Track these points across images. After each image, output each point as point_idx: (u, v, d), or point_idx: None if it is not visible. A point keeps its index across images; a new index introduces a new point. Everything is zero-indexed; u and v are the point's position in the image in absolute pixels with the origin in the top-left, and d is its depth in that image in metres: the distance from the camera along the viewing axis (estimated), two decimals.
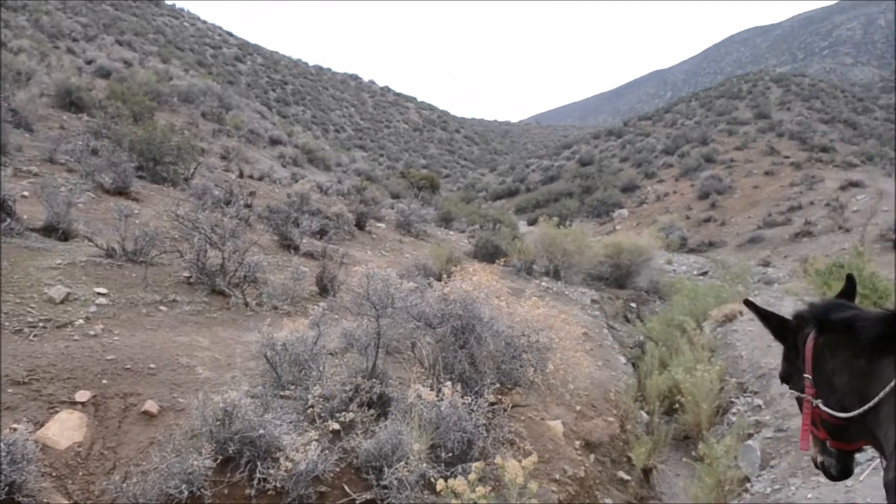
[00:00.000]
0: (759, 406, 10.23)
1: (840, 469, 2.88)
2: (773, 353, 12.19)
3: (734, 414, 10.28)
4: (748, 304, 3.22)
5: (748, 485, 7.74)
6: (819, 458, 2.93)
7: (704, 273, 28.48)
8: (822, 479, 6.75)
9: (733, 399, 11.08)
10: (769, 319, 3.03)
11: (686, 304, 17.53)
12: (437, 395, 6.20)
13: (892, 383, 2.30)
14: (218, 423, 5.65)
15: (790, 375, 3.03)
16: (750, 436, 9.02)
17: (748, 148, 57.02)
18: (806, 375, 2.78)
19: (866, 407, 2.42)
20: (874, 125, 73.78)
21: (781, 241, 36.61)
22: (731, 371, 12.34)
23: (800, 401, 2.89)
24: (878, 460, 4.17)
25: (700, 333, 14.71)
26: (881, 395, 2.34)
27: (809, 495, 6.46)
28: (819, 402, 2.70)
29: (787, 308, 16.15)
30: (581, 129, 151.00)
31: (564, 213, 41.15)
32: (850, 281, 3.16)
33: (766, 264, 32.15)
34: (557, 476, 7.80)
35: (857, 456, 6.37)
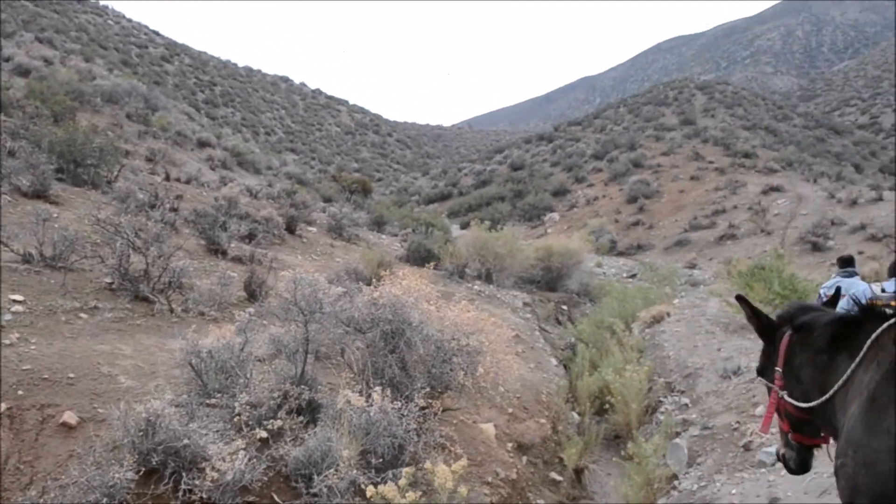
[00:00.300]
0: (686, 405, 10.46)
1: (799, 462, 3.20)
2: (698, 353, 12.52)
3: (662, 413, 10.48)
4: (740, 299, 3.48)
5: (676, 482, 7.88)
6: (781, 451, 3.27)
7: (633, 275, 29.10)
8: (746, 475, 6.96)
9: (661, 398, 11.31)
10: (759, 318, 3.35)
11: (615, 306, 17.86)
12: (367, 401, 6.13)
13: (844, 377, 2.65)
14: (140, 433, 5.44)
15: (765, 368, 3.33)
16: (678, 434, 9.21)
17: (674, 153, 58.54)
18: (777, 368, 3.12)
19: (824, 398, 2.75)
20: (793, 132, 76.74)
21: (707, 243, 37.69)
22: (660, 371, 12.60)
23: (769, 390, 3.22)
24: None
25: (629, 335, 15.00)
26: (835, 387, 2.69)
27: (734, 491, 6.61)
28: (784, 394, 3.05)
29: (711, 308, 16.64)
30: (513, 134, 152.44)
31: (497, 217, 41.47)
32: (837, 293, 3.66)
33: (693, 266, 33.04)
34: (490, 479, 7.81)
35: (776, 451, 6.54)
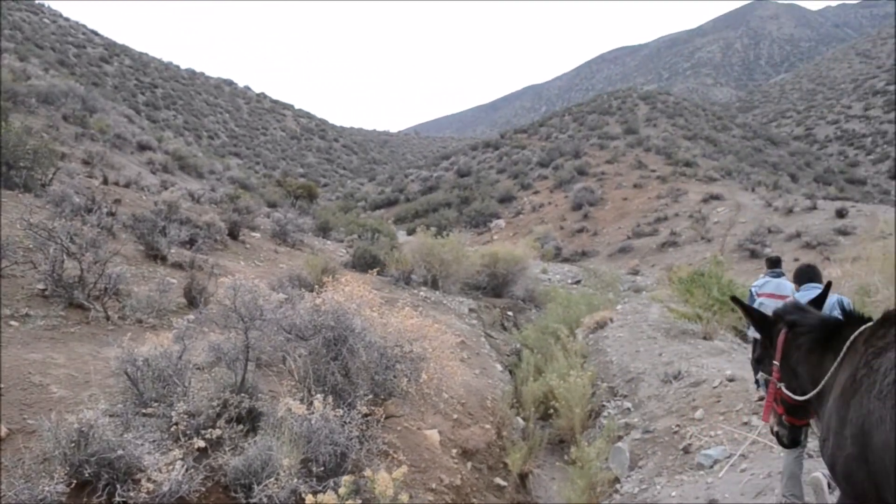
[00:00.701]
0: (629, 409, 10.59)
1: (790, 438, 3.84)
2: (640, 359, 12.69)
3: (605, 417, 10.58)
4: (734, 300, 4.13)
5: (618, 485, 7.96)
6: (775, 429, 3.86)
7: (578, 282, 29.37)
8: (685, 477, 7.06)
9: (605, 403, 11.42)
10: (751, 315, 3.91)
11: (560, 312, 18.00)
12: (308, 409, 6.03)
13: (828, 374, 3.19)
14: (73, 444, 5.27)
15: (762, 359, 3.89)
16: (620, 438, 9.30)
17: (618, 161, 59.50)
18: (775, 362, 3.63)
19: (814, 391, 3.30)
20: (732, 142, 78.77)
21: (649, 250, 38.37)
22: (603, 376, 12.72)
23: (766, 381, 3.80)
24: (736, 457, 4.93)
25: (573, 340, 15.13)
26: (822, 383, 3.23)
27: (673, 493, 6.70)
28: (782, 385, 3.59)
29: (653, 313, 16.90)
30: (459, 141, 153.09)
31: (443, 224, 41.59)
32: (828, 287, 4.16)
33: (636, 273, 33.56)
34: (434, 485, 7.77)
35: (714, 453, 6.67)
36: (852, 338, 3.16)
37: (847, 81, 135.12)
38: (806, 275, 6.16)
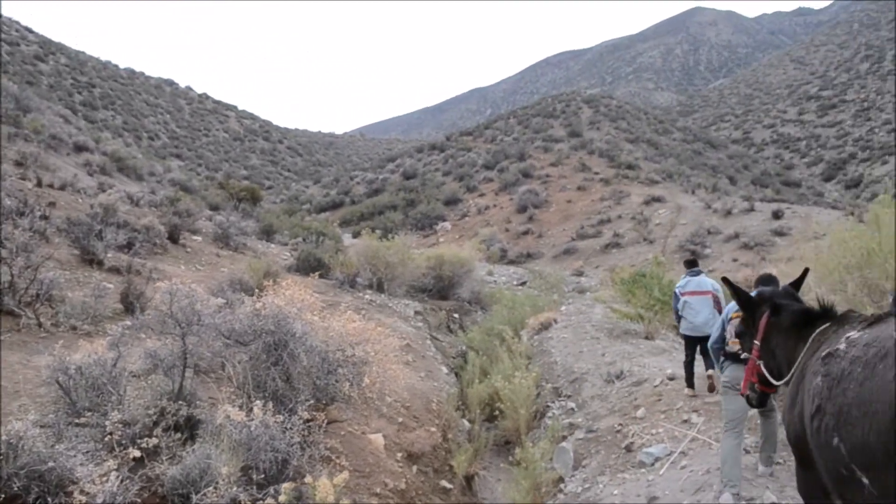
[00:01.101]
0: (573, 409, 10.68)
1: (758, 401, 4.35)
2: (584, 359, 12.83)
3: (550, 417, 10.65)
4: (725, 281, 4.68)
5: (562, 485, 8.01)
6: (746, 392, 4.37)
7: (523, 283, 29.58)
8: (627, 475, 7.15)
9: (549, 403, 11.50)
10: (739, 295, 4.38)
11: (505, 314, 18.11)
12: (248, 415, 5.92)
13: (798, 362, 3.66)
14: (1, 457, 5.07)
15: (743, 335, 4.41)
16: (564, 438, 9.38)
17: (562, 164, 60.14)
18: (756, 342, 4.13)
19: (789, 376, 3.76)
20: (673, 145, 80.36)
21: (593, 251, 38.84)
22: (547, 376, 12.82)
23: (746, 358, 4.35)
24: (677, 455, 5.46)
25: (518, 341, 15.23)
26: (793, 369, 3.71)
27: (615, 491, 6.78)
28: (761, 363, 4.11)
29: (597, 314, 17.12)
30: (405, 143, 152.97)
31: (389, 226, 41.40)
32: (804, 273, 4.59)
33: (580, 274, 33.94)
34: (378, 490, 7.71)
35: (656, 451, 6.75)
36: (818, 331, 3.64)
37: (782, 87, 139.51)
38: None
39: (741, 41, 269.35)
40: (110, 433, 5.79)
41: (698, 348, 9.01)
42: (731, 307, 5.84)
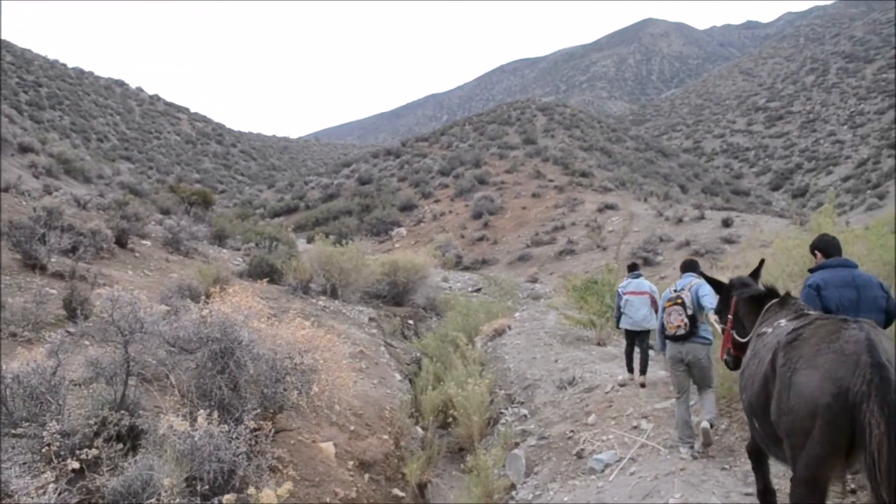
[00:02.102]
0: (525, 416, 10.69)
1: (734, 364, 5.42)
2: (537, 365, 12.86)
3: (503, 424, 10.64)
4: (703, 275, 6.20)
5: (514, 492, 8.00)
6: (723, 357, 5.55)
7: (478, 289, 29.61)
8: (577, 482, 7.17)
9: (503, 410, 11.50)
10: (712, 283, 5.83)
11: (459, 320, 18.06)
12: (192, 425, 5.76)
13: (754, 330, 4.88)
14: None
15: (721, 312, 5.69)
16: (516, 445, 9.37)
17: (517, 171, 60.47)
18: (729, 316, 5.41)
19: (748, 338, 4.98)
20: (626, 153, 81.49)
21: (547, 258, 39.06)
22: (501, 383, 12.82)
23: (723, 329, 5.62)
24: (626, 461, 5.88)
25: (472, 348, 15.20)
26: (752, 331, 4.94)
27: (566, 499, 6.79)
28: (734, 332, 5.34)
29: (550, 321, 17.19)
30: (360, 148, 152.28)
31: (344, 231, 41.15)
32: (761, 264, 5.81)
33: (534, 280, 34.10)
34: (328, 499, 7.61)
35: (605, 458, 6.79)
36: (766, 307, 4.98)
37: (732, 98, 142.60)
38: (688, 266, 7.85)
39: (692, 52, 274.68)
40: (48, 444, 5.60)
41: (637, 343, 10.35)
42: (665, 296, 7.41)
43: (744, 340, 5.10)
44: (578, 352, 13.40)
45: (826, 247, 5.68)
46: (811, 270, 5.66)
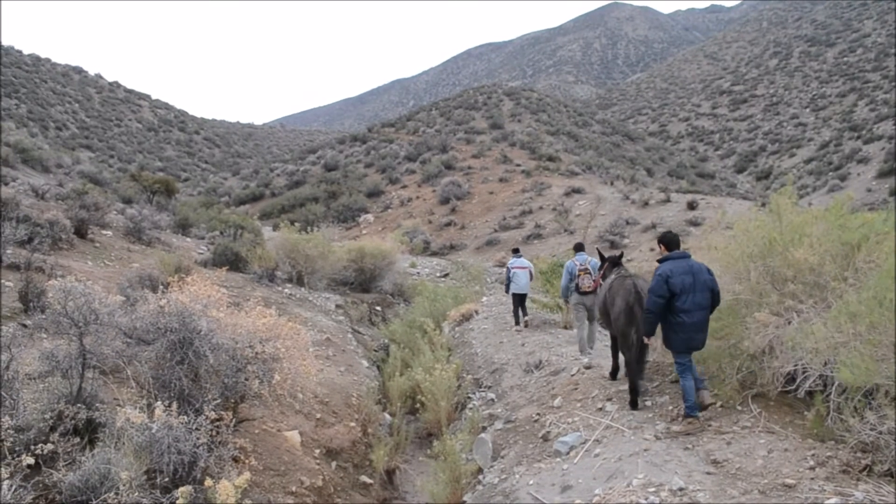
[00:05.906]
0: (493, 400, 10.72)
1: (594, 291, 10.76)
2: (504, 350, 12.90)
3: (470, 409, 10.66)
4: (598, 252, 10.30)
5: (481, 476, 8.00)
6: (595, 287, 10.55)
7: (446, 275, 29.62)
8: (543, 465, 7.19)
9: (470, 394, 11.52)
10: (602, 257, 9.69)
11: (427, 306, 18.04)
12: (150, 417, 5.66)
13: (606, 283, 8.88)
14: None
15: (600, 269, 9.73)
16: (484, 429, 9.38)
17: (484, 156, 60.54)
18: (601, 272, 9.62)
19: (604, 288, 8.87)
20: (592, 137, 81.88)
21: (515, 242, 39.16)
22: (468, 368, 12.84)
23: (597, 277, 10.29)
24: (591, 443, 5.57)
25: (439, 333, 15.20)
26: (607, 282, 8.89)
27: (531, 481, 6.80)
28: (601, 278, 9.48)
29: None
30: (326, 134, 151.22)
31: (311, 219, 40.85)
32: (622, 254, 9.62)
33: (502, 265, 34.14)
34: (294, 488, 7.55)
35: (570, 440, 6.77)
36: (614, 270, 8.92)
37: (696, 81, 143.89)
38: (579, 248, 11.76)
39: (657, 36, 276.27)
40: (2, 440, 5.46)
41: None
42: (570, 267, 11.23)
43: (603, 281, 9.07)
44: (545, 335, 13.45)
45: (669, 242, 7.31)
46: (659, 261, 7.26)
